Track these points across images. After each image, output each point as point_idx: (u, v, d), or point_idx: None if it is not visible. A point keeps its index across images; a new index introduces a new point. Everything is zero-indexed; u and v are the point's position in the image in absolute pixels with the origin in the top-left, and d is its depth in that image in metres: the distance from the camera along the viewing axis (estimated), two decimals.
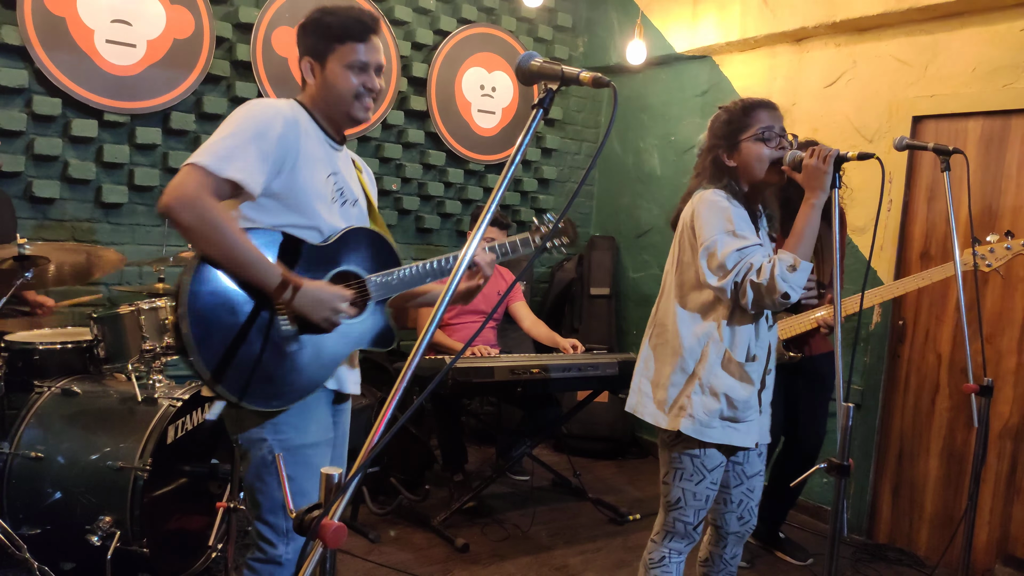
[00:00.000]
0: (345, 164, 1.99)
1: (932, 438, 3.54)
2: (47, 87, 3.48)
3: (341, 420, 2.03)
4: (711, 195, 2.02)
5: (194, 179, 1.70)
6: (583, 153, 5.43)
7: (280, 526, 1.85)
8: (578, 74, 1.13)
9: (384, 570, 3.07)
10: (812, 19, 3.82)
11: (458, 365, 3.27)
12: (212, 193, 1.71)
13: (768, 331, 2.12)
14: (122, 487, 2.50)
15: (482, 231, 1.08)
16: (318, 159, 1.86)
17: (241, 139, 1.75)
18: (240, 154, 1.73)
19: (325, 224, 1.86)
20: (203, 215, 1.68)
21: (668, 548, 2.18)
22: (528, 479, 4.16)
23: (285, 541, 1.85)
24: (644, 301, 5.02)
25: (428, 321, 1.02)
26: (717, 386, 2.02)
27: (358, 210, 1.99)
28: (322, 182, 1.86)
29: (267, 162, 1.76)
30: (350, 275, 1.90)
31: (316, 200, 1.84)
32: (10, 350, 2.82)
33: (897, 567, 3.45)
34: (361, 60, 1.86)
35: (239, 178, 1.72)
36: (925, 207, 3.56)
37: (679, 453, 2.10)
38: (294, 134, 1.80)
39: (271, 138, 1.76)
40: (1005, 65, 3.24)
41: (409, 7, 4.48)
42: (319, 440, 1.88)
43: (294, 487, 1.83)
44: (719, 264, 1.95)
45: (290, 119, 1.81)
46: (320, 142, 1.89)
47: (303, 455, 1.84)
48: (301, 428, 1.84)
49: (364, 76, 1.88)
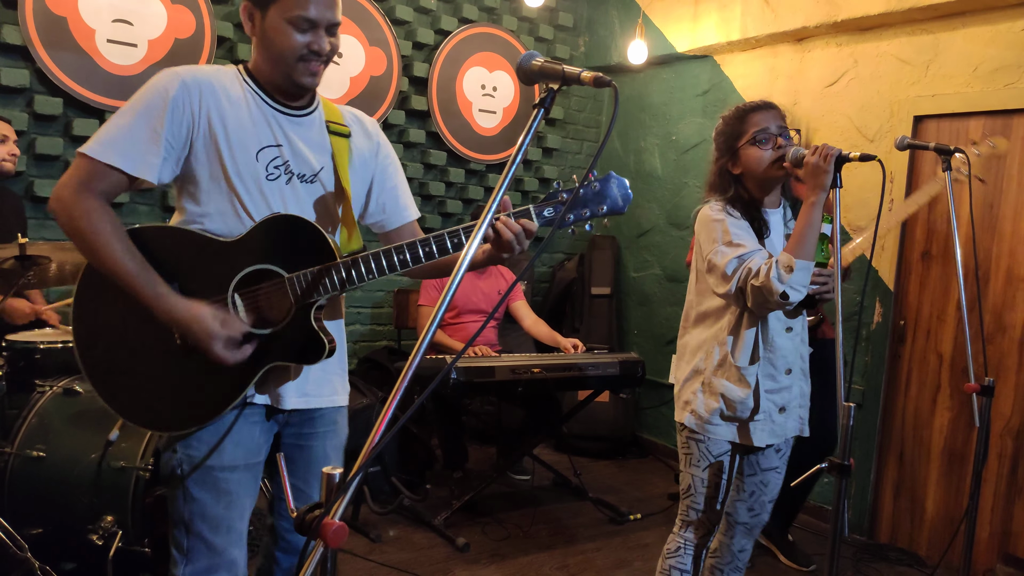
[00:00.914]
0: (305, 132, 1.68)
1: (933, 438, 3.54)
2: (48, 87, 3.49)
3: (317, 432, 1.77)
4: (707, 211, 2.10)
5: (76, 173, 1.52)
6: (584, 153, 5.43)
7: (181, 544, 1.64)
8: (579, 74, 1.13)
9: (385, 569, 3.07)
10: (813, 19, 3.82)
11: (459, 365, 3.27)
12: (96, 188, 1.51)
13: (786, 334, 2.11)
14: (124, 487, 2.50)
15: (483, 232, 1.08)
16: (244, 129, 1.59)
17: (127, 116, 1.53)
18: (125, 136, 1.52)
19: (255, 207, 1.60)
20: (75, 220, 1.49)
21: (683, 538, 2.23)
22: (529, 479, 4.16)
23: (185, 562, 1.64)
24: (645, 301, 5.03)
25: (429, 321, 1.02)
26: (716, 386, 2.10)
27: (313, 187, 1.68)
28: (247, 157, 1.59)
29: (158, 141, 1.52)
30: (269, 274, 1.59)
31: (237, 179, 1.58)
32: (12, 350, 2.82)
33: (898, 567, 3.45)
34: (307, 16, 1.54)
35: (121, 165, 1.51)
36: (926, 207, 3.56)
37: (687, 438, 2.19)
38: (197, 100, 1.55)
39: (160, 110, 1.52)
40: (1006, 65, 3.24)
41: (410, 7, 4.48)
42: (236, 464, 1.62)
43: (195, 508, 1.61)
44: (721, 273, 2.02)
45: (191, 82, 1.56)
46: (255, 108, 1.62)
47: (211, 477, 1.60)
48: (213, 445, 1.61)
49: (311, 35, 1.56)
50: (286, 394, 1.68)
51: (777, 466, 2.23)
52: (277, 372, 1.65)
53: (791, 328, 2.12)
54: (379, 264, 1.58)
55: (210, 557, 1.64)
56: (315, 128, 1.70)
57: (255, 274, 1.59)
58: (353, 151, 1.76)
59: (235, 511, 1.65)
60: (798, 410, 2.18)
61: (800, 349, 2.17)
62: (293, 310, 1.59)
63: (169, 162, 1.56)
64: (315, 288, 1.58)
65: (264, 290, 1.59)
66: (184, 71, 1.59)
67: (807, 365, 2.21)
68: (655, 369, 4.73)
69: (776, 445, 2.20)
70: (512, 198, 5.02)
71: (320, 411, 1.76)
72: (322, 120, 1.72)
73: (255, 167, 1.60)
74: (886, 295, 3.67)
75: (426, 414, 4.04)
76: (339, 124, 1.74)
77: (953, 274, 3.42)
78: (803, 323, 2.19)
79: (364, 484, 3.60)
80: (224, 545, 1.64)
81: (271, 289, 1.59)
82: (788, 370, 2.12)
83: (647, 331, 5.03)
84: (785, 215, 2.18)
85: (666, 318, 4.87)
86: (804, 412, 2.20)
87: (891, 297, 3.65)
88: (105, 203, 1.53)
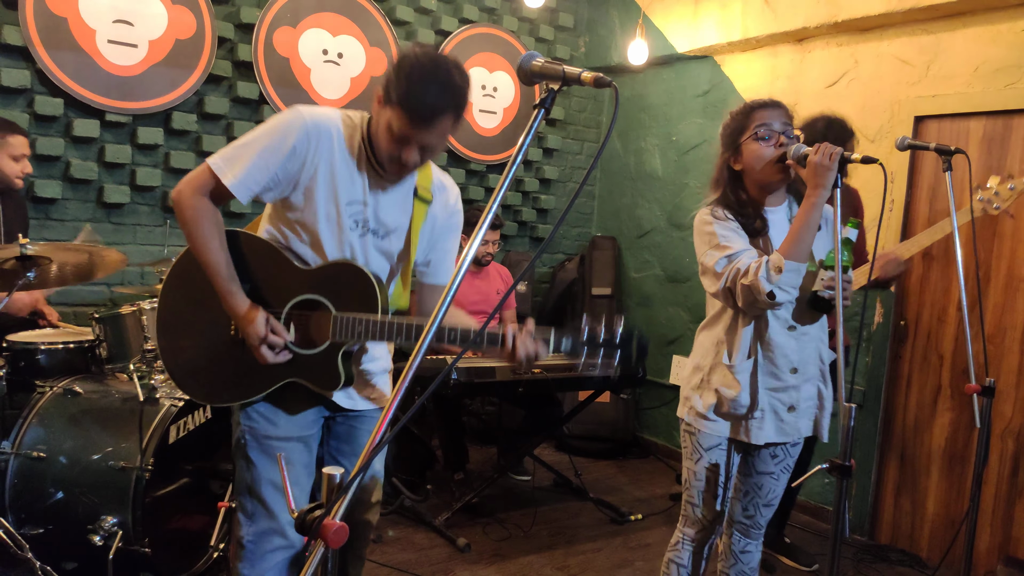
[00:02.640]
0: (392, 196, 1.88)
1: (934, 439, 3.54)
2: (49, 87, 3.49)
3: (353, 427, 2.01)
4: (700, 217, 2.13)
5: (197, 177, 1.78)
6: (584, 153, 5.43)
7: (246, 507, 1.87)
8: (579, 74, 1.13)
9: (386, 570, 3.07)
10: (814, 19, 3.82)
11: (459, 365, 3.28)
12: (210, 194, 1.77)
13: (788, 332, 2.08)
14: (124, 487, 2.50)
15: (483, 232, 1.08)
16: (342, 182, 1.80)
17: (252, 147, 1.76)
18: (242, 162, 1.74)
19: (330, 248, 1.84)
20: (187, 213, 1.76)
21: (682, 532, 2.27)
22: (529, 479, 4.16)
23: (249, 523, 1.86)
24: (645, 301, 5.02)
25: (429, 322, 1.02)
26: (714, 382, 2.13)
27: (383, 242, 1.90)
28: (336, 206, 1.81)
29: (267, 174, 1.75)
30: (319, 305, 1.83)
31: (324, 222, 1.81)
32: (12, 350, 2.82)
33: (899, 568, 3.45)
34: (404, 134, 1.72)
35: (230, 184, 1.74)
36: (927, 207, 3.56)
37: (684, 432, 2.24)
38: (315, 148, 1.76)
39: (280, 151, 1.74)
40: (1007, 65, 3.24)
41: (410, 7, 4.48)
42: (289, 435, 1.88)
43: (256, 473, 1.86)
44: (712, 274, 2.05)
45: (315, 131, 1.76)
46: (358, 166, 1.82)
47: (268, 445, 1.86)
48: (271, 419, 1.87)
49: (404, 147, 1.74)
50: (336, 394, 1.90)
51: (772, 471, 2.21)
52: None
53: (794, 327, 2.09)
54: (410, 332, 1.74)
55: (268, 520, 1.85)
56: (402, 192, 1.90)
57: (311, 302, 1.83)
58: (428, 217, 1.96)
59: (291, 477, 1.86)
60: (812, 411, 2.17)
61: (810, 350, 2.12)
62: (328, 343, 1.81)
63: (269, 194, 1.81)
64: (351, 331, 1.78)
65: (313, 317, 1.83)
66: (311, 118, 1.77)
67: (827, 367, 2.17)
68: (655, 369, 4.73)
69: (772, 451, 2.19)
70: (512, 198, 5.04)
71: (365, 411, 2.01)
72: (412, 185, 1.92)
73: (342, 217, 1.83)
74: (887, 295, 3.67)
75: (426, 415, 4.05)
76: (426, 190, 1.94)
77: (954, 274, 3.42)
78: (821, 325, 2.14)
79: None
80: (279, 510, 1.85)
81: (319, 318, 1.82)
82: (794, 369, 2.10)
83: (647, 331, 5.02)
84: (790, 212, 2.16)
85: (666, 319, 4.87)
86: (822, 415, 2.18)
87: (892, 298, 3.65)
88: (213, 205, 1.79)
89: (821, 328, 2.15)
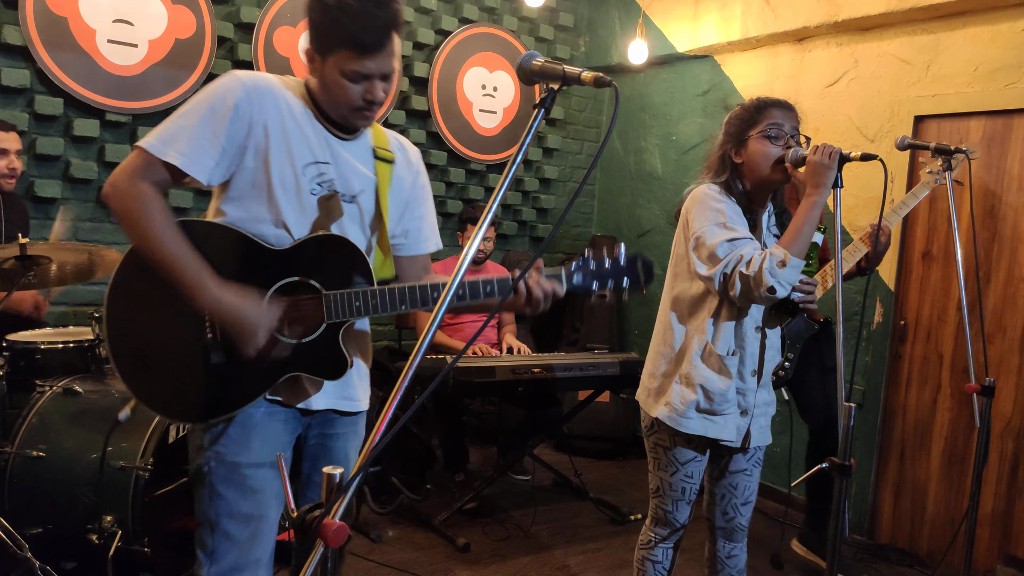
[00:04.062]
0: (352, 153, 1.72)
1: (934, 438, 3.54)
2: (49, 87, 3.49)
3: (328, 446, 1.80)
4: (705, 189, 2.07)
5: (131, 164, 1.55)
6: (584, 153, 5.43)
7: (206, 544, 1.65)
8: (579, 74, 1.13)
9: (385, 570, 3.07)
10: (814, 19, 3.82)
11: (459, 365, 3.27)
12: (150, 179, 1.55)
13: (754, 334, 2.07)
14: (123, 486, 2.50)
15: (483, 231, 1.08)
16: (296, 142, 1.63)
17: (191, 117, 1.56)
18: (185, 134, 1.54)
19: (294, 222, 1.63)
20: (128, 204, 1.53)
21: (654, 532, 2.25)
22: (529, 479, 4.16)
23: (209, 563, 1.64)
24: (645, 301, 5.02)
25: (429, 322, 1.02)
26: (695, 377, 2.05)
27: (351, 207, 1.72)
28: (293, 169, 1.62)
29: (217, 143, 1.56)
30: (307, 287, 1.63)
31: (281, 190, 1.61)
32: (12, 349, 2.82)
33: (899, 567, 3.45)
34: (362, 72, 1.57)
35: (178, 162, 1.53)
36: (927, 207, 3.56)
37: (654, 443, 2.18)
38: (259, 107, 1.58)
39: (222, 113, 1.55)
40: (1007, 65, 3.24)
41: (411, 7, 4.48)
42: (263, 460, 1.64)
43: (221, 506, 1.63)
44: (709, 253, 1.96)
45: (254, 89, 1.58)
46: (309, 125, 1.66)
47: (238, 475, 1.62)
48: (241, 443, 1.63)
49: (365, 85, 1.60)
50: (315, 397, 1.72)
51: (745, 468, 2.18)
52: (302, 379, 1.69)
53: (760, 329, 2.08)
54: (413, 297, 1.62)
55: (235, 556, 1.64)
56: (362, 151, 1.74)
57: (293, 285, 1.63)
58: (394, 178, 1.80)
59: (261, 509, 1.66)
60: (761, 418, 2.13)
61: (768, 356, 2.11)
62: (324, 326, 1.63)
63: (222, 166, 1.59)
64: (350, 309, 1.62)
65: (299, 302, 1.63)
66: (247, 77, 1.61)
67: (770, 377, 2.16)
68: None
69: (748, 450, 2.15)
70: (512, 198, 5.04)
71: (343, 414, 1.80)
72: (370, 145, 1.76)
73: (300, 180, 1.63)
74: (887, 295, 3.67)
75: (426, 414, 4.04)
76: (385, 150, 1.79)
77: (954, 274, 3.42)
78: (777, 333, 2.14)
79: (364, 484, 3.60)
80: (249, 545, 1.65)
81: (307, 302, 1.63)
82: (754, 371, 2.07)
83: (647, 331, 4.99)
84: (769, 220, 2.14)
85: None
86: (765, 420, 2.15)
87: (892, 297, 3.65)
88: (158, 191, 1.56)
89: (777, 335, 2.15)
